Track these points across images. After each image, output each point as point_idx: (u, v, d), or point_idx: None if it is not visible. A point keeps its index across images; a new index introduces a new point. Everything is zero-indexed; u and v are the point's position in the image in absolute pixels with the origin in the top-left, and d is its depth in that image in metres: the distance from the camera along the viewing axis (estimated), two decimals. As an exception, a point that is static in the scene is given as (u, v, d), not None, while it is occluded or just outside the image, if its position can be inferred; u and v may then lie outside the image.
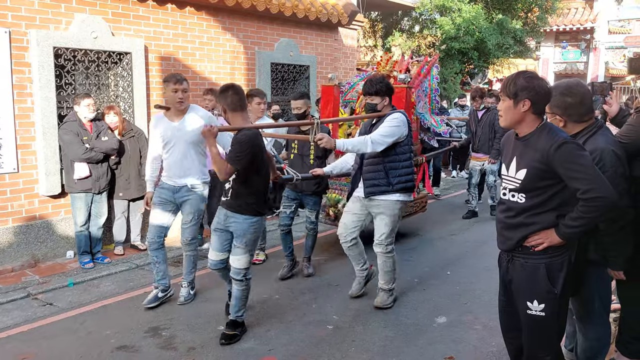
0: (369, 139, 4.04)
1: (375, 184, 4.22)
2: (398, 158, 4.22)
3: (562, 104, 2.69)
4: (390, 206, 4.24)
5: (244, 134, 3.59)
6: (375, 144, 4.04)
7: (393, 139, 4.11)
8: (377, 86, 4.22)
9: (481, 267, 5.32)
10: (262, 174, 3.76)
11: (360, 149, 4.06)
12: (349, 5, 9.08)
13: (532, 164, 2.42)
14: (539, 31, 14.96)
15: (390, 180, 4.19)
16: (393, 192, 4.21)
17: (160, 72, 6.50)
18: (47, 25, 5.47)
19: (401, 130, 4.14)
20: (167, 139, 4.31)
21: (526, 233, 2.48)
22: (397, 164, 4.22)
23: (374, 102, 4.24)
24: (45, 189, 5.48)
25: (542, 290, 2.47)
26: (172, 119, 4.33)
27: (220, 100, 3.73)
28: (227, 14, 7.23)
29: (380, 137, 4.06)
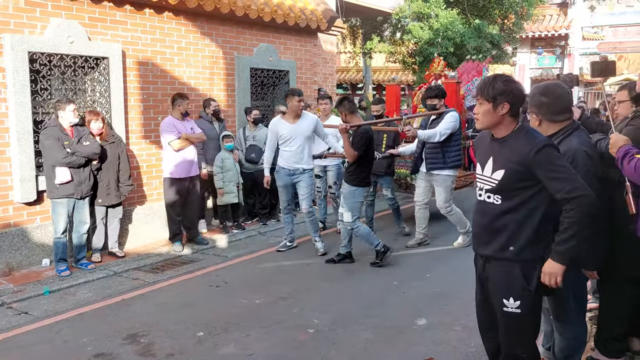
0: (438, 131, 5.84)
1: (434, 162, 5.98)
2: (452, 143, 5.96)
3: (538, 103, 2.76)
4: (444, 178, 6.01)
5: (363, 129, 5.38)
6: (441, 136, 5.86)
7: (450, 131, 5.88)
8: (436, 91, 6.16)
9: (461, 269, 5.36)
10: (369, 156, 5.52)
11: (431, 138, 5.86)
12: (328, 11, 9.13)
13: (509, 165, 2.45)
14: (515, 37, 15.22)
15: (445, 160, 5.93)
16: (446, 168, 5.97)
17: (138, 77, 6.45)
18: (22, 30, 5.39)
19: (456, 125, 5.94)
20: (287, 136, 5.90)
21: (503, 239, 2.50)
22: (451, 148, 5.96)
23: (434, 103, 6.09)
24: (20, 195, 5.38)
25: (518, 288, 2.50)
26: (290, 122, 5.94)
27: (340, 108, 5.50)
28: (206, 19, 7.21)
29: (445, 130, 5.87)
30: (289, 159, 5.96)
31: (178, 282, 5.27)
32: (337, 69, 11.97)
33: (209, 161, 6.78)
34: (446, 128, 5.87)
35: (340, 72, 18.03)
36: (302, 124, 5.93)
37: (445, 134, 5.86)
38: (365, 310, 4.47)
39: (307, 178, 6.01)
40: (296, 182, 6.02)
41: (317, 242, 6.12)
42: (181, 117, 6.22)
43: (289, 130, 5.91)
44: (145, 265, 5.76)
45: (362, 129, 5.36)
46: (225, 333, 4.04)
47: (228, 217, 7.18)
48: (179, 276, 5.42)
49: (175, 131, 6.10)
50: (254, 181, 7.37)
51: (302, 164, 5.98)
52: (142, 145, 6.57)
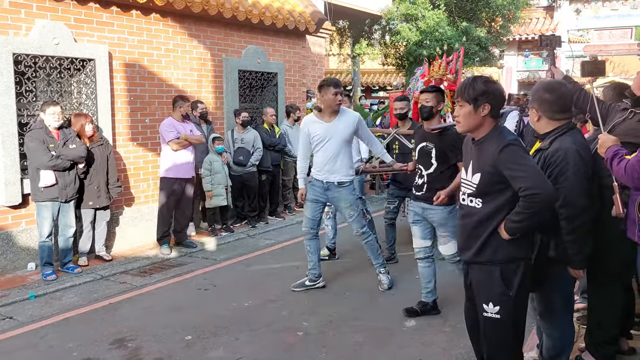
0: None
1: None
2: None
3: (540, 99, 2.76)
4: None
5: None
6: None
7: None
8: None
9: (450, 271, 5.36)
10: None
11: None
12: (317, 13, 9.13)
13: (484, 167, 2.47)
14: (502, 40, 15.35)
15: None
16: None
17: (125, 79, 6.39)
18: (7, 31, 5.32)
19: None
20: (320, 138, 4.71)
21: (481, 242, 2.51)
22: None
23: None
24: (5, 199, 5.30)
25: (497, 293, 2.49)
26: (325, 119, 4.72)
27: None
28: (194, 21, 7.18)
29: None
30: (322, 167, 4.76)
31: (166, 286, 5.22)
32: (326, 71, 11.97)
33: (197, 164, 6.75)
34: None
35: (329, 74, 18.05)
36: (340, 123, 4.69)
37: None
38: (354, 312, 4.46)
39: (346, 194, 4.77)
40: (332, 199, 4.83)
41: (382, 273, 4.99)
42: (181, 119, 6.22)
43: (323, 130, 4.69)
44: (132, 268, 5.70)
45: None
46: (214, 337, 4.01)
47: (217, 220, 7.14)
48: (167, 279, 5.37)
49: (174, 132, 6.10)
50: (242, 184, 7.35)
51: (339, 175, 4.73)
52: (129, 147, 6.51)
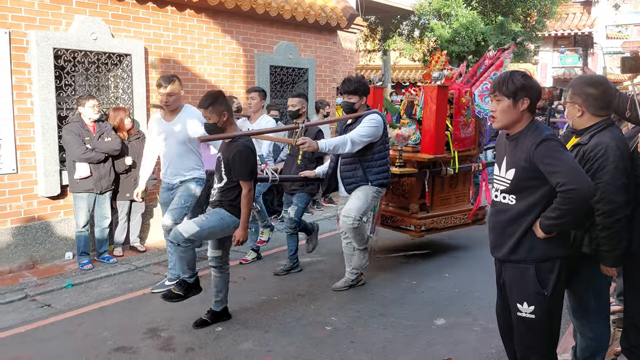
0: (348, 139, 4.27)
1: (353, 182, 4.55)
2: (374, 157, 4.51)
3: (585, 94, 2.69)
4: (365, 188, 4.54)
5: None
6: (354, 144, 4.30)
7: (370, 139, 4.38)
8: (355, 85, 4.46)
9: (480, 269, 5.32)
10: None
11: (340, 149, 4.28)
12: (348, 8, 9.10)
13: (519, 163, 2.43)
14: (537, 35, 15.02)
15: (367, 177, 4.51)
16: (371, 186, 4.55)
17: (160, 74, 6.48)
18: (47, 26, 5.47)
19: (378, 130, 4.42)
20: (162, 138, 4.66)
21: (515, 241, 2.47)
22: (373, 162, 4.52)
23: (352, 101, 4.49)
24: (44, 189, 5.47)
25: (532, 292, 2.45)
26: (166, 119, 4.66)
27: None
28: (227, 17, 7.24)
29: (359, 136, 4.33)
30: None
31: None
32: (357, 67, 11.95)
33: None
34: (362, 134, 4.31)
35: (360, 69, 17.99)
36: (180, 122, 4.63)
37: (359, 142, 4.31)
38: (383, 308, 4.45)
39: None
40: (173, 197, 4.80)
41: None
42: None
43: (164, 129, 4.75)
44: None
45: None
46: (244, 329, 4.06)
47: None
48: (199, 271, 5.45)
49: None
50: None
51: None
52: (162, 141, 6.63)
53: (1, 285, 4.94)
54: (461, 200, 6.02)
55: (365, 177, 4.50)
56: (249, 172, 3.77)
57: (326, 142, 4.22)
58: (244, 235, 3.81)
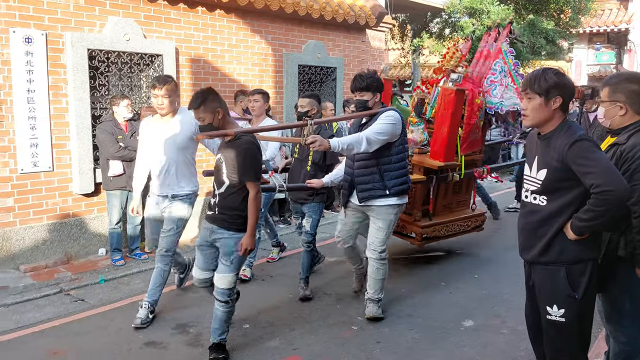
0: (363, 137, 3.78)
1: (369, 188, 4.02)
2: (392, 159, 4.01)
3: (627, 90, 2.61)
4: (385, 212, 4.05)
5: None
6: (370, 143, 3.79)
7: (387, 138, 3.89)
8: (367, 81, 3.99)
9: (509, 271, 5.23)
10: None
11: (355, 148, 3.77)
12: (377, 7, 9.06)
13: (551, 163, 2.38)
14: (571, 32, 14.66)
15: (385, 183, 3.98)
16: (389, 197, 4.00)
17: (190, 74, 6.60)
18: (82, 28, 5.62)
19: (396, 128, 3.92)
20: (154, 144, 4.17)
21: (546, 242, 2.42)
22: (391, 165, 4.01)
23: (365, 99, 4.03)
24: (79, 187, 5.62)
25: (562, 295, 2.40)
26: (160, 122, 4.19)
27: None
28: (256, 17, 7.30)
29: (375, 134, 3.82)
30: None
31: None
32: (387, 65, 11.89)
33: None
34: (378, 132, 3.83)
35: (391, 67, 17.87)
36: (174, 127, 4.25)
37: (375, 140, 3.81)
38: (410, 309, 4.43)
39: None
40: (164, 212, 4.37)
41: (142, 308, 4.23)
42: (242, 113, 6.37)
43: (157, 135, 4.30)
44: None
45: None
46: (271, 327, 4.09)
47: (274, 212, 7.26)
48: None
49: None
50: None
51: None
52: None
53: (38, 279, 5.10)
54: (462, 206, 5.74)
55: (382, 183, 3.97)
56: (256, 172, 3.40)
57: (339, 141, 3.71)
58: (251, 243, 3.43)
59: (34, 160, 5.35)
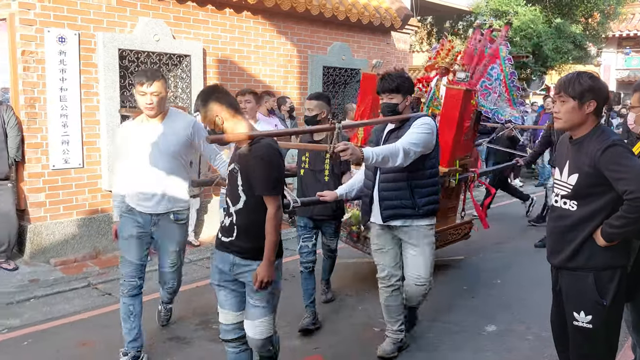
0: (400, 148, 3.15)
1: (395, 206, 3.42)
2: (426, 173, 3.44)
3: None
4: (417, 234, 3.47)
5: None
6: (406, 155, 3.18)
7: (422, 150, 3.30)
8: (397, 81, 3.41)
9: (532, 277, 5.19)
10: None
11: (390, 160, 3.14)
12: (403, 9, 9.06)
13: (583, 168, 2.36)
14: (600, 37, 14.42)
15: (416, 201, 3.41)
16: (419, 217, 3.44)
17: (217, 75, 6.70)
18: (113, 28, 5.75)
19: (432, 138, 3.36)
20: (137, 151, 3.42)
21: (575, 247, 2.40)
22: (424, 181, 3.44)
23: (394, 102, 3.42)
24: (108, 184, 5.75)
25: (590, 301, 2.38)
26: (147, 125, 3.43)
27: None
28: (282, 18, 7.37)
29: (411, 145, 3.21)
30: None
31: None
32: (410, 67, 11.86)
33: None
34: (414, 142, 3.23)
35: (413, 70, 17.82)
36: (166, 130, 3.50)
37: (412, 152, 3.22)
38: (432, 313, 4.42)
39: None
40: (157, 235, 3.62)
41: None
42: (267, 113, 6.43)
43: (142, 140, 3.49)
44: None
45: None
46: (292, 326, 4.13)
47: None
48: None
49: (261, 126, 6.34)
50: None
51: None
52: (218, 139, 6.82)
53: (67, 273, 5.23)
54: (451, 213, 5.28)
55: (412, 201, 3.39)
56: (274, 183, 2.66)
57: (373, 151, 3.07)
58: (268, 273, 2.63)
59: (65, 157, 5.49)
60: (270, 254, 2.64)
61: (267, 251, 2.63)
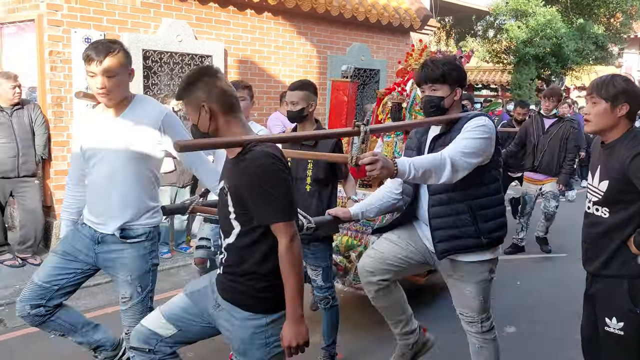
0: (446, 158, 2.37)
1: (456, 236, 2.61)
2: (490, 190, 2.64)
3: None
4: (475, 271, 2.70)
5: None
6: (456, 169, 2.40)
7: (480, 159, 2.50)
8: (443, 69, 2.60)
9: (552, 279, 5.17)
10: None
11: (434, 175, 2.37)
12: (422, 9, 9.06)
13: (612, 174, 2.33)
14: (622, 37, 14.25)
15: (480, 227, 2.59)
16: (484, 249, 2.65)
17: (238, 75, 6.78)
18: (138, 29, 5.86)
19: (491, 143, 2.55)
20: (92, 149, 2.59)
21: (609, 254, 2.38)
22: (487, 199, 2.63)
23: (438, 95, 2.63)
24: (130, 182, 5.84)
25: (622, 308, 2.36)
26: (105, 116, 2.61)
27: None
28: (302, 19, 7.43)
29: (463, 155, 2.42)
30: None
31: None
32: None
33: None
34: (467, 151, 2.44)
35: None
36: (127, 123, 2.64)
37: (465, 165, 2.43)
38: (451, 312, 4.41)
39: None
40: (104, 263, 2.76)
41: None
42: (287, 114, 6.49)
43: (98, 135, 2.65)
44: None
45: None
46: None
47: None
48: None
49: (281, 125, 6.39)
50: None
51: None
52: (238, 139, 6.91)
53: (90, 268, 5.34)
54: None
55: (476, 227, 2.59)
56: (285, 205, 1.93)
57: (411, 163, 2.29)
58: (298, 333, 1.93)
59: (90, 155, 5.59)
60: (294, 307, 1.91)
61: (290, 301, 1.91)
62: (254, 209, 1.93)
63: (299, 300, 1.92)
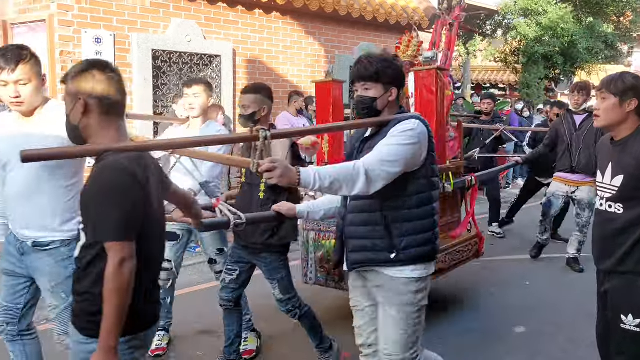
0: (360, 168, 2.15)
1: (367, 248, 2.36)
2: (410, 202, 2.32)
3: None
4: (396, 288, 2.35)
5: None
6: (371, 178, 2.16)
7: (400, 169, 2.22)
8: (377, 66, 2.33)
9: (563, 279, 5.15)
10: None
11: (344, 187, 2.15)
12: (430, 8, 9.04)
13: (628, 170, 2.33)
14: (631, 36, 14.16)
15: (393, 241, 2.31)
16: (398, 264, 2.32)
17: (246, 74, 6.80)
18: (147, 29, 5.89)
19: (418, 148, 2.27)
20: (6, 155, 2.46)
21: (625, 251, 2.37)
22: (405, 212, 2.32)
23: (369, 95, 2.35)
24: (139, 181, 5.87)
25: (638, 305, 2.35)
26: (16, 124, 2.50)
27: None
28: (310, 19, 7.44)
29: (380, 163, 2.18)
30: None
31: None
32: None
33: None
34: (385, 158, 2.19)
35: (438, 71, 17.68)
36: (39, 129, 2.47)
37: (383, 175, 2.18)
38: (460, 313, 4.42)
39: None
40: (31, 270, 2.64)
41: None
42: (296, 113, 6.51)
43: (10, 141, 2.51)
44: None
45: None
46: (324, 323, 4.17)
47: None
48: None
49: (289, 125, 6.42)
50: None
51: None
52: (246, 138, 6.93)
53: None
54: (455, 227, 4.42)
55: (389, 240, 2.31)
56: (118, 224, 1.73)
57: (317, 173, 2.10)
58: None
59: (100, 155, 5.63)
60: (109, 335, 1.71)
61: (104, 331, 1.71)
62: (92, 222, 1.79)
63: (116, 331, 1.71)
